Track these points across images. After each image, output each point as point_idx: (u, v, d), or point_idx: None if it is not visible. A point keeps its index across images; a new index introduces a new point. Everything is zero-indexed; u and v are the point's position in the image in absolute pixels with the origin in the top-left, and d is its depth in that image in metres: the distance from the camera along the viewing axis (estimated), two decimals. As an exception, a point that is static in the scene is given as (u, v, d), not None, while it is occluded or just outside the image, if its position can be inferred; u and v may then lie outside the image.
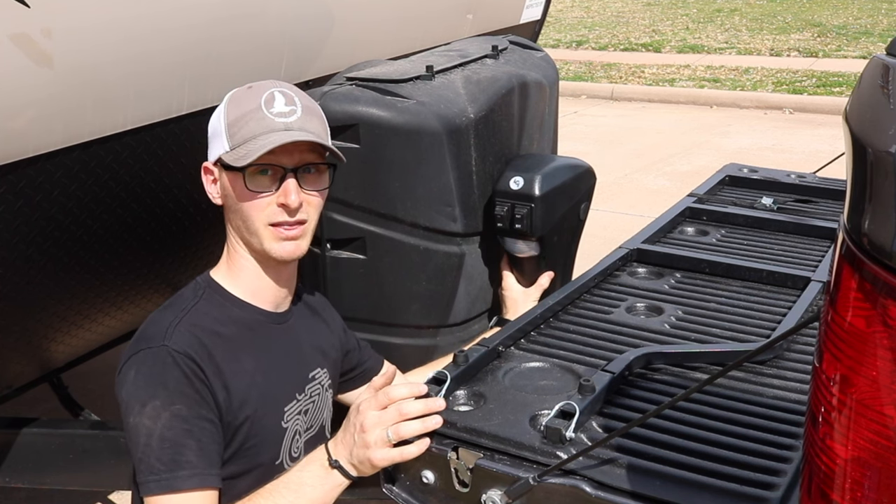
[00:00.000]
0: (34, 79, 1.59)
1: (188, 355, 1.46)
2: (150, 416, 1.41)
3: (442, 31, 2.76)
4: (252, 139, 1.49)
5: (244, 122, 1.51)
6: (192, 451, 1.42)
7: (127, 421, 1.44)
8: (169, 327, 1.48)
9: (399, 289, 1.94)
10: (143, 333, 1.51)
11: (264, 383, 1.55)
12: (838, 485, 0.78)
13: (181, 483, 1.40)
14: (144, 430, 1.42)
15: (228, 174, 1.53)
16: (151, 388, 1.43)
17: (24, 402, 2.55)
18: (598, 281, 1.82)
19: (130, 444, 1.44)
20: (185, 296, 1.58)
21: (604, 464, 1.18)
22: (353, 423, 1.41)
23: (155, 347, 1.46)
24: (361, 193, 1.85)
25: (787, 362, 1.48)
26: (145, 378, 1.44)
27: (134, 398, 1.44)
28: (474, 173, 1.94)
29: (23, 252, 1.80)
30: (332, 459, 1.42)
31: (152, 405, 1.42)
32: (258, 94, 1.53)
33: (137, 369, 1.45)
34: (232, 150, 1.51)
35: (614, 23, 14.03)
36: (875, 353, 0.73)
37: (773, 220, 2.14)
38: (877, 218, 0.72)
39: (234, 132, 1.51)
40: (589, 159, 2.16)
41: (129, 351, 1.49)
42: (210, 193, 1.59)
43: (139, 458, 1.42)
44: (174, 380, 1.44)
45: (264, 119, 1.50)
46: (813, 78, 9.51)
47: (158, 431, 1.41)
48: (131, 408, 1.43)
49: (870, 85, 0.82)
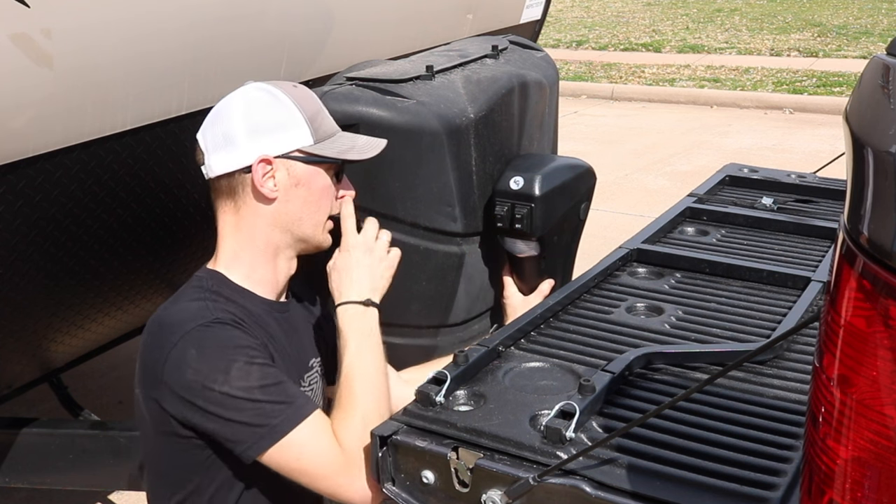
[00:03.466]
0: (34, 79, 1.59)
1: (239, 323, 1.49)
2: (240, 377, 1.41)
3: (442, 31, 2.76)
4: (335, 134, 1.60)
5: (323, 117, 1.59)
6: (292, 385, 1.48)
7: (211, 395, 1.41)
8: (203, 308, 1.48)
9: (399, 289, 1.93)
10: (174, 321, 1.47)
11: (279, 365, 1.56)
12: (838, 485, 0.78)
13: (305, 409, 1.43)
14: (241, 392, 1.41)
15: (310, 166, 1.56)
16: (226, 354, 1.43)
17: (24, 402, 2.55)
18: (598, 281, 1.82)
19: (227, 413, 1.41)
20: (194, 285, 1.57)
21: (604, 464, 1.18)
22: (350, 260, 1.55)
23: (205, 323, 1.45)
24: (361, 193, 1.85)
25: (788, 362, 1.48)
26: (213, 349, 1.43)
27: (211, 371, 1.41)
28: (474, 173, 1.94)
29: (23, 252, 1.80)
30: (364, 300, 1.53)
31: (236, 367, 1.42)
32: (311, 92, 1.61)
33: (199, 347, 1.43)
34: (318, 143, 1.55)
35: (614, 23, 14.03)
36: (875, 353, 0.72)
37: (774, 220, 2.13)
38: (877, 218, 0.72)
39: (318, 126, 1.57)
40: (589, 159, 2.16)
41: (170, 339, 1.44)
42: (262, 186, 1.53)
43: (247, 419, 1.41)
44: (243, 339, 1.46)
45: (329, 118, 1.62)
46: (813, 78, 9.51)
47: (257, 383, 1.42)
48: (213, 380, 1.41)
49: (870, 85, 0.82)
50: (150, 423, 1.51)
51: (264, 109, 1.55)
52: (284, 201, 1.56)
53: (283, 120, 1.55)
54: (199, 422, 1.44)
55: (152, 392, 1.47)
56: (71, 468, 2.27)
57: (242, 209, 1.57)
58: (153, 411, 1.48)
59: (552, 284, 2.04)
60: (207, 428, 1.44)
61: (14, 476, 2.27)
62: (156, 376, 1.45)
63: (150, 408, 1.49)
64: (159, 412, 1.47)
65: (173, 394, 1.44)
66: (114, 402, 3.60)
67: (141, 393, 1.51)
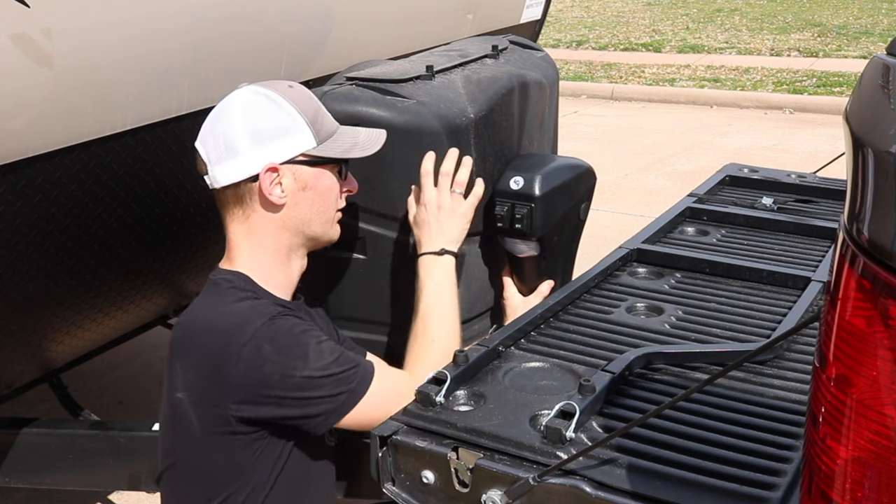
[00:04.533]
0: (34, 79, 1.59)
1: (291, 311, 1.57)
2: (317, 358, 1.50)
3: (442, 31, 2.76)
4: (337, 132, 1.61)
5: (322, 116, 1.60)
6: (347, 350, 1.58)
7: (291, 382, 1.47)
8: (256, 305, 1.53)
9: (399, 289, 1.94)
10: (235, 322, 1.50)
11: None
12: (838, 485, 0.78)
13: (369, 365, 1.55)
14: (320, 371, 1.49)
15: (315, 168, 1.58)
16: (299, 341, 1.50)
17: (24, 402, 2.55)
18: (598, 281, 1.82)
19: (309, 393, 1.49)
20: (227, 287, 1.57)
21: (604, 464, 1.18)
22: (427, 215, 1.71)
23: (269, 318, 1.50)
24: (361, 193, 1.85)
25: (788, 362, 1.48)
26: (287, 340, 1.50)
27: (290, 360, 1.48)
28: (474, 173, 1.94)
29: (23, 252, 1.80)
30: (439, 250, 1.69)
31: (312, 350, 1.50)
32: (306, 91, 1.62)
33: (271, 341, 1.48)
34: (321, 144, 1.57)
35: (614, 23, 14.03)
36: (875, 353, 0.72)
37: (774, 220, 2.13)
38: (877, 218, 0.72)
39: (319, 128, 1.58)
40: (589, 159, 2.16)
41: (237, 339, 1.47)
42: (270, 194, 1.55)
43: (327, 392, 1.49)
44: (304, 324, 1.56)
45: (328, 115, 1.63)
46: (813, 78, 9.51)
47: (331, 359, 1.51)
48: (293, 368, 1.48)
49: (870, 85, 0.82)
50: (198, 426, 1.51)
51: (265, 115, 1.54)
52: (293, 205, 1.57)
53: (285, 124, 1.54)
54: (272, 413, 1.48)
55: (211, 394, 1.49)
56: (71, 468, 2.27)
57: (252, 217, 1.58)
58: (208, 415, 1.50)
59: (552, 285, 2.04)
60: (280, 415, 1.49)
61: (14, 476, 2.27)
62: (221, 377, 1.47)
63: (204, 411, 1.50)
64: (218, 414, 1.49)
65: (244, 391, 1.47)
66: (114, 402, 3.61)
67: (189, 397, 1.51)
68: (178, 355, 1.54)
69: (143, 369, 3.84)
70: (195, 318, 1.56)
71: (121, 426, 2.28)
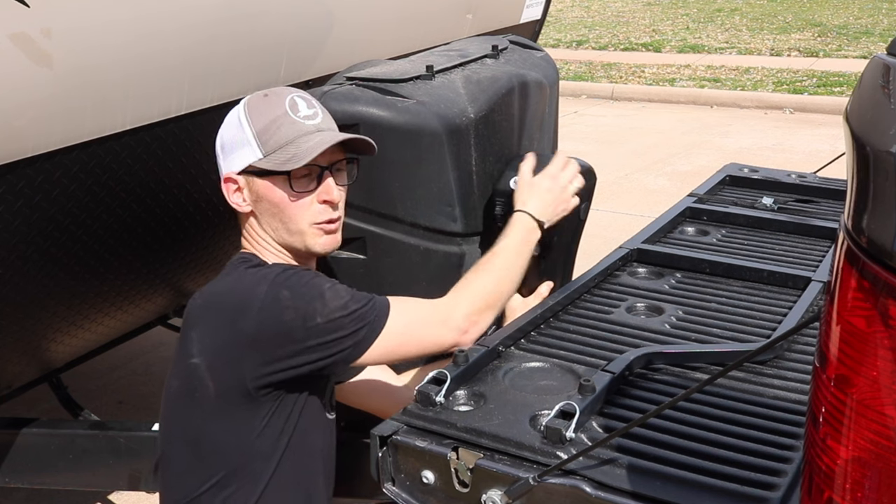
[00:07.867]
0: (34, 79, 1.59)
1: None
2: (334, 298, 1.53)
3: (442, 31, 2.76)
4: (289, 143, 1.57)
5: (275, 128, 1.58)
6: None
7: (313, 328, 1.50)
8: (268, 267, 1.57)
9: (399, 289, 1.93)
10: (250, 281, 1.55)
11: None
12: (839, 485, 0.78)
13: (386, 300, 1.57)
14: (339, 311, 1.51)
15: (265, 179, 1.59)
16: (315, 284, 1.54)
17: (24, 402, 2.55)
18: (598, 281, 1.82)
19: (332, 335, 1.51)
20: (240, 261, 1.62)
21: (604, 464, 1.18)
22: (544, 182, 1.82)
23: (282, 271, 1.54)
24: (361, 193, 1.85)
25: (788, 362, 1.48)
26: (302, 285, 1.53)
27: (308, 303, 1.51)
28: (474, 173, 1.94)
29: (22, 252, 1.80)
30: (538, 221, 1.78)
31: (328, 291, 1.53)
32: (279, 100, 1.60)
33: (287, 287, 1.52)
34: (268, 156, 1.57)
35: (614, 22, 14.03)
36: (875, 353, 0.72)
37: (774, 220, 2.13)
38: (877, 218, 0.72)
39: (267, 139, 1.58)
40: (589, 159, 2.15)
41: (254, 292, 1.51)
42: (234, 203, 1.63)
43: (350, 329, 1.51)
44: (319, 273, 1.60)
45: (295, 123, 1.58)
46: (813, 78, 9.51)
47: (348, 296, 1.54)
48: (313, 311, 1.50)
49: (870, 85, 0.82)
50: (213, 390, 1.53)
51: (228, 126, 1.63)
52: (259, 213, 1.63)
53: (238, 137, 1.60)
54: (294, 362, 1.50)
55: (230, 352, 1.51)
56: (71, 468, 2.27)
57: (240, 216, 1.67)
58: (225, 374, 1.52)
59: (551, 287, 2.04)
60: (303, 361, 1.50)
61: (14, 476, 2.27)
62: (241, 333, 1.50)
63: (222, 372, 1.52)
64: (234, 372, 1.51)
65: (267, 341, 1.49)
66: (114, 402, 3.61)
67: (205, 361, 1.53)
68: (193, 324, 1.57)
69: (143, 369, 3.84)
70: (211, 290, 1.60)
71: (121, 426, 2.28)
